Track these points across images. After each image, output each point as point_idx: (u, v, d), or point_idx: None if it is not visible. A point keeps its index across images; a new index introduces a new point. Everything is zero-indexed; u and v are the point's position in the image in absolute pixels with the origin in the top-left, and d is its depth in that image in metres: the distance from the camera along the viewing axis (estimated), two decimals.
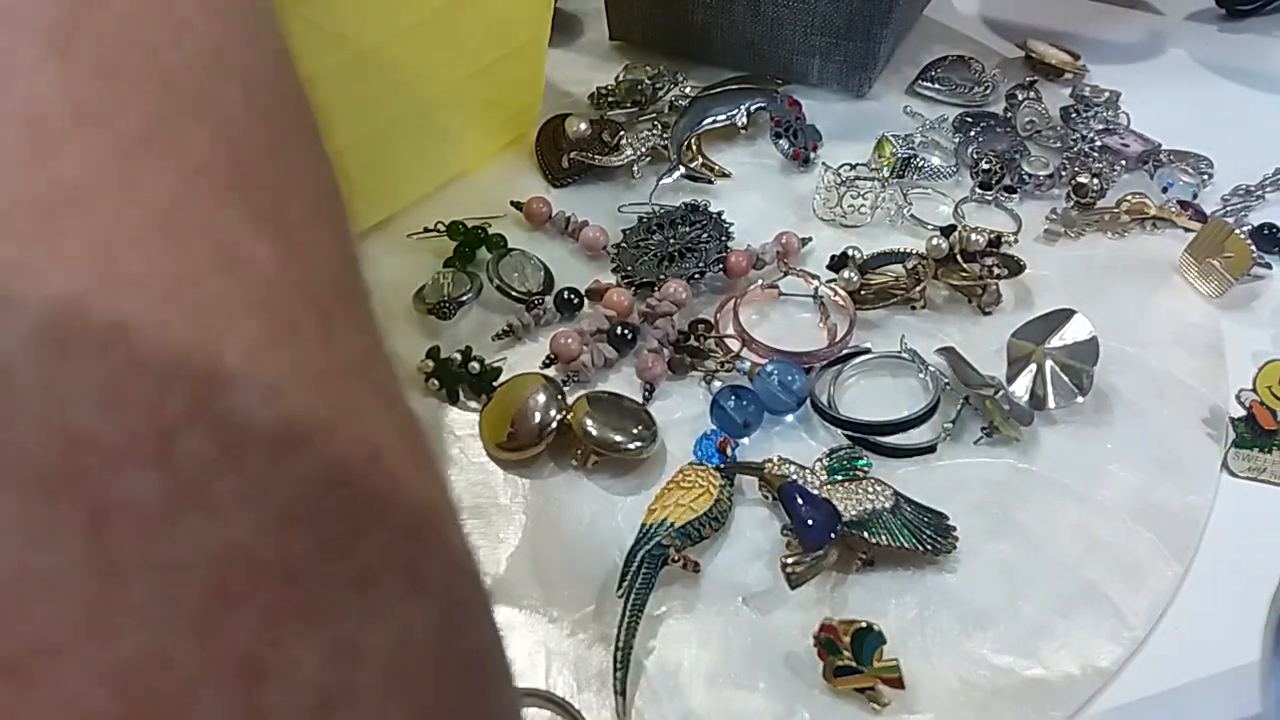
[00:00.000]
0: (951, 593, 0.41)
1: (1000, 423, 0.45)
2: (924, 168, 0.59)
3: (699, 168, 0.59)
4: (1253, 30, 0.73)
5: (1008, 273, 0.51)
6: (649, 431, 0.45)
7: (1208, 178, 0.59)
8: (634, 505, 0.43)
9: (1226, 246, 0.51)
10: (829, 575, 0.41)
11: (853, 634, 0.37)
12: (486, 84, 0.55)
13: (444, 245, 0.54)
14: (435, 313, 0.50)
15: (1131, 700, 0.38)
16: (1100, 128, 0.62)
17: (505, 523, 0.43)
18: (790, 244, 0.53)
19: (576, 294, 0.51)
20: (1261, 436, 0.46)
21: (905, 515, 0.42)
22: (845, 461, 0.44)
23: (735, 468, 0.44)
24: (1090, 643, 0.39)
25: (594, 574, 0.41)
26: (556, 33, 0.61)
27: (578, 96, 0.64)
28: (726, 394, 0.46)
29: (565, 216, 0.55)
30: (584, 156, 0.58)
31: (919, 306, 0.52)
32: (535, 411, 0.45)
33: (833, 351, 0.49)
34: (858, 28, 0.61)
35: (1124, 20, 0.74)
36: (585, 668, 0.39)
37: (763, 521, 0.43)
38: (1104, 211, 0.57)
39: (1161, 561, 0.42)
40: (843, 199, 0.56)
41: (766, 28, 0.63)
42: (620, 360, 0.49)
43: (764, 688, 0.38)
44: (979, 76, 0.66)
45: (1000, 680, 0.38)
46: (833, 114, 0.64)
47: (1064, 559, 0.42)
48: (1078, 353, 0.47)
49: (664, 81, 0.63)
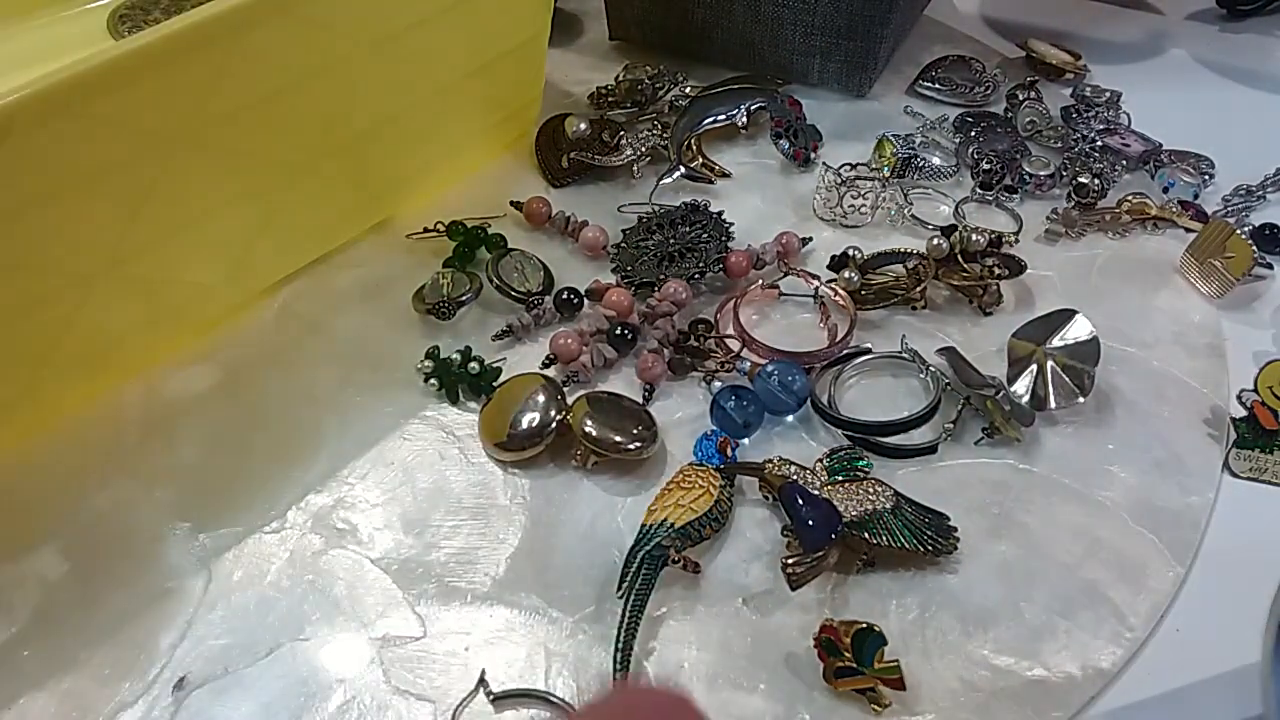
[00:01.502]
0: (952, 593, 0.41)
1: (1001, 423, 0.45)
2: (924, 168, 0.59)
3: (699, 168, 0.59)
4: (1254, 30, 0.73)
5: (1008, 273, 0.51)
6: (649, 432, 0.45)
7: (1209, 178, 0.59)
8: (634, 506, 0.43)
9: (1228, 247, 0.51)
10: (829, 576, 0.41)
11: (853, 635, 0.37)
12: (486, 83, 0.55)
13: (444, 245, 0.54)
14: (435, 313, 0.50)
15: (1132, 701, 0.38)
16: (1101, 128, 0.62)
17: (505, 523, 0.43)
18: (790, 244, 0.53)
19: (576, 294, 0.51)
20: (1263, 437, 0.45)
21: (906, 516, 0.41)
22: (846, 462, 0.44)
23: (735, 468, 0.44)
24: (1091, 643, 0.39)
25: (594, 575, 0.41)
26: (556, 32, 0.61)
27: (578, 96, 0.64)
28: (726, 394, 0.46)
29: (565, 216, 0.55)
30: (584, 156, 0.58)
31: (920, 307, 0.52)
32: (535, 412, 0.45)
33: (833, 352, 0.49)
34: (858, 27, 0.61)
35: (1125, 20, 0.74)
36: (585, 669, 0.39)
37: (763, 522, 0.43)
38: (1105, 212, 0.56)
39: (1162, 562, 0.42)
40: (843, 199, 0.56)
41: (767, 27, 0.63)
42: (620, 360, 0.49)
43: (764, 689, 0.38)
44: (979, 76, 0.66)
45: (1001, 681, 0.38)
46: (833, 114, 0.63)
47: (1065, 560, 0.42)
48: (1079, 353, 0.47)
49: (664, 81, 0.63)
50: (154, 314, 0.47)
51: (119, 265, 0.43)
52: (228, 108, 0.42)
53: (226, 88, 0.41)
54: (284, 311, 0.52)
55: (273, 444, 0.46)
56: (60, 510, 0.43)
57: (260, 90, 0.42)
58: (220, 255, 0.48)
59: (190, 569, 0.42)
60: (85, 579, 0.41)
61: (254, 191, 0.47)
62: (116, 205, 0.41)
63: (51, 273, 0.41)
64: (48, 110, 0.35)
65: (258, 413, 0.47)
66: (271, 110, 0.44)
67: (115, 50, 0.36)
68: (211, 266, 0.48)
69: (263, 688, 0.38)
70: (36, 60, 0.39)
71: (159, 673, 0.38)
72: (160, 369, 0.49)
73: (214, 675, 0.38)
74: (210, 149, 0.43)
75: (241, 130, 0.43)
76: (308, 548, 0.42)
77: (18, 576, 0.41)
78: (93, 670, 0.39)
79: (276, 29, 0.41)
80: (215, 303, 0.50)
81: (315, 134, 0.47)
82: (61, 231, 0.39)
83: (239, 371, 0.49)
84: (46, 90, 0.35)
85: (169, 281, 0.46)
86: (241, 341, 0.50)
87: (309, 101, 0.45)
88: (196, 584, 0.41)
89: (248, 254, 0.49)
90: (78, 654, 0.39)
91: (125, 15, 0.68)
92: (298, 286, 0.53)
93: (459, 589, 0.41)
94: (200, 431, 0.46)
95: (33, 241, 0.39)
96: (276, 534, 0.43)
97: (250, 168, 0.45)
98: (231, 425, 0.47)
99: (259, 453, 0.46)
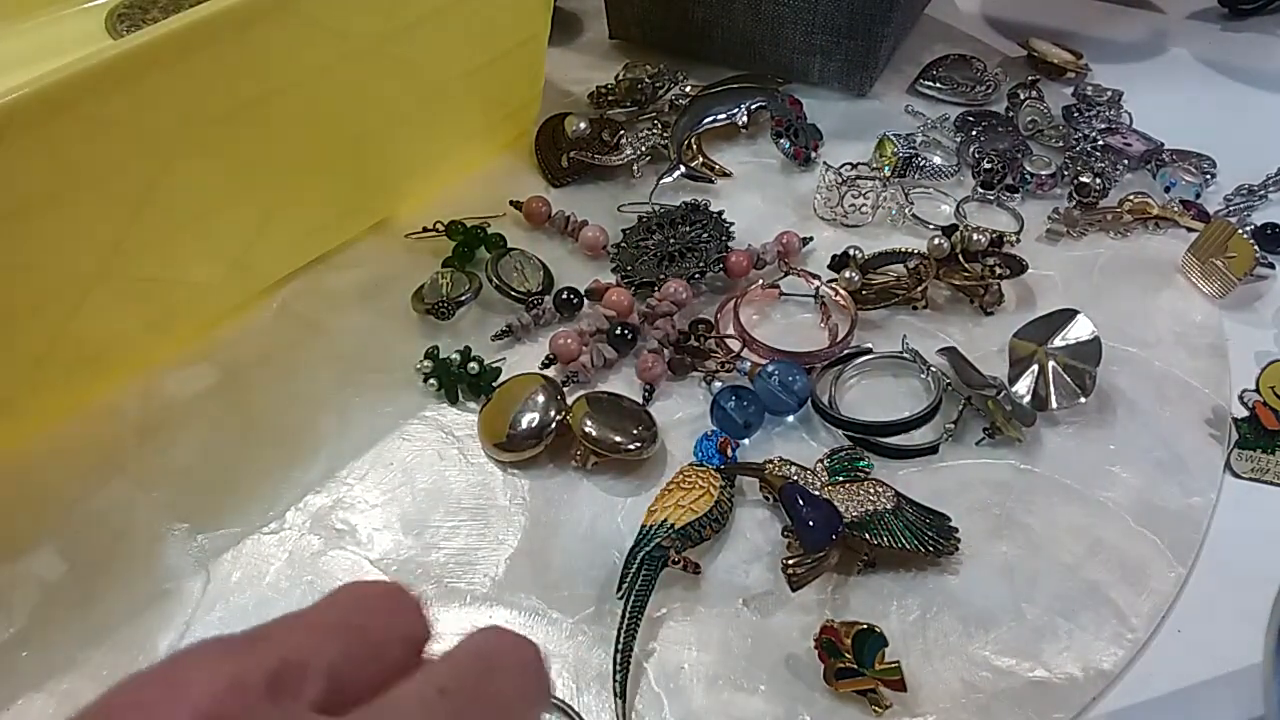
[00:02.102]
0: (953, 594, 0.40)
1: (1002, 423, 0.45)
2: (925, 167, 0.59)
3: (699, 167, 0.59)
4: (1255, 29, 0.73)
5: (1010, 273, 0.51)
6: (649, 432, 0.45)
7: (1210, 177, 0.59)
8: (634, 506, 0.43)
9: (1229, 246, 0.51)
10: (830, 577, 0.41)
11: (854, 636, 0.37)
12: (486, 83, 0.55)
13: (443, 245, 0.54)
14: (434, 313, 0.50)
15: (1134, 702, 0.38)
16: (1102, 127, 0.61)
17: (505, 523, 0.43)
18: (791, 244, 0.53)
19: (576, 294, 0.51)
20: (1264, 437, 0.45)
21: (907, 516, 0.41)
22: (846, 462, 0.44)
23: (736, 469, 0.44)
24: (1092, 644, 0.39)
25: (594, 575, 0.41)
26: (556, 32, 0.61)
27: (578, 95, 0.64)
28: (727, 394, 0.46)
29: (565, 216, 0.55)
30: (584, 156, 0.58)
31: (920, 306, 0.52)
32: (535, 412, 0.45)
33: (834, 352, 0.49)
34: (859, 26, 0.61)
35: (1126, 19, 0.74)
36: (585, 670, 0.39)
37: (763, 523, 0.43)
38: (1106, 211, 0.56)
39: (1164, 563, 0.41)
40: (844, 198, 0.56)
41: (767, 27, 0.63)
42: (620, 360, 0.49)
43: (764, 690, 0.38)
44: (981, 75, 0.66)
45: (1002, 682, 0.38)
46: (834, 113, 0.63)
47: (1066, 560, 0.42)
48: (1080, 353, 0.47)
49: (664, 81, 0.63)
50: (153, 314, 0.47)
51: (119, 265, 0.43)
52: (227, 107, 0.42)
53: (225, 87, 0.41)
54: (283, 311, 0.52)
55: (272, 444, 0.46)
56: (59, 510, 0.43)
57: (259, 89, 0.42)
58: (220, 255, 0.48)
59: (189, 570, 0.42)
60: (84, 580, 0.41)
61: (253, 191, 0.46)
62: (116, 205, 0.41)
63: (51, 273, 0.41)
64: (46, 110, 0.35)
65: (256, 413, 0.47)
66: (270, 109, 0.44)
67: (113, 50, 0.36)
68: (211, 266, 0.48)
69: None
70: (35, 60, 0.39)
71: None
72: (160, 369, 0.49)
73: None
74: (210, 149, 0.42)
75: (241, 129, 0.43)
76: (307, 548, 0.42)
77: (16, 577, 0.41)
78: (91, 671, 0.39)
79: (275, 28, 0.41)
80: (215, 303, 0.50)
81: (314, 133, 0.47)
82: (61, 231, 0.39)
83: (238, 372, 0.49)
84: (45, 90, 0.35)
85: (169, 281, 0.46)
86: (241, 341, 0.50)
87: (308, 101, 0.45)
88: (195, 585, 0.41)
89: (247, 254, 0.49)
90: (76, 655, 0.39)
91: (124, 14, 0.68)
92: (297, 286, 0.53)
93: (458, 590, 0.41)
94: (199, 432, 0.46)
95: (32, 241, 0.39)
96: (275, 535, 0.43)
97: (250, 167, 0.45)
98: (230, 425, 0.47)
99: (258, 453, 0.46)
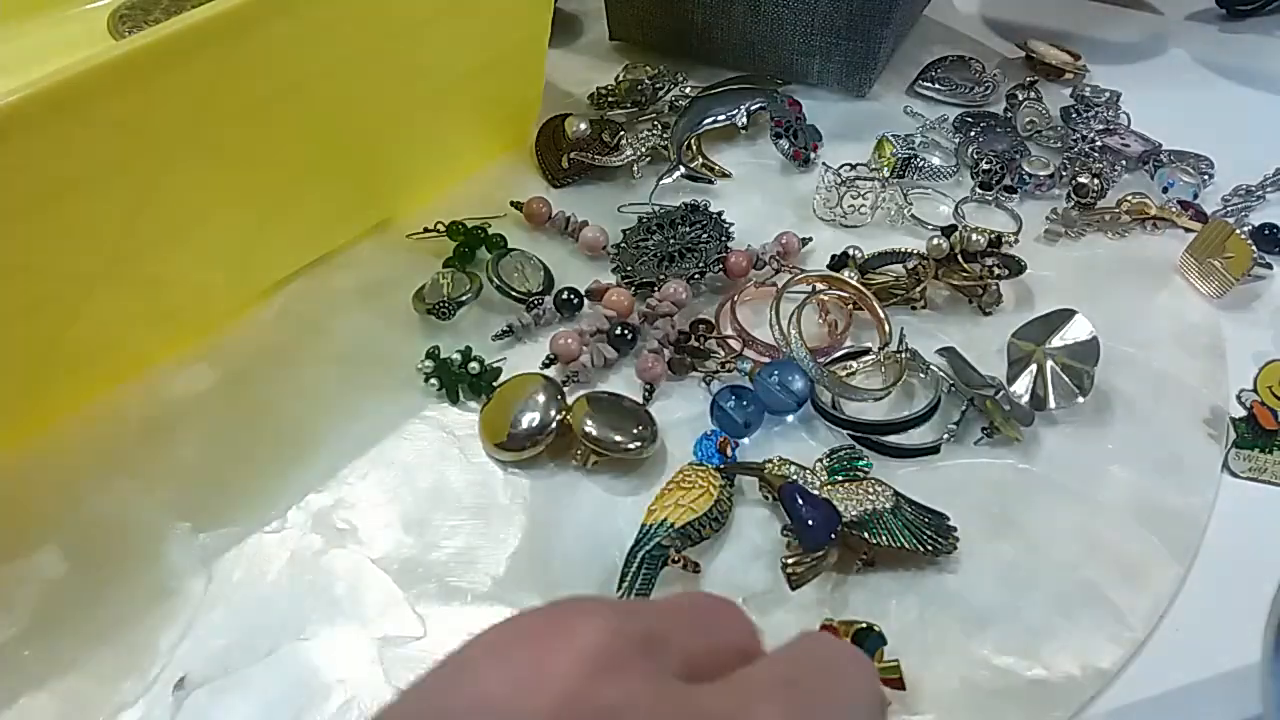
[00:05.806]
0: (952, 593, 0.41)
1: (1001, 423, 0.45)
2: (924, 168, 0.59)
3: (699, 168, 0.59)
4: (1253, 30, 0.73)
5: (1008, 273, 0.51)
6: (649, 431, 0.45)
7: (1208, 178, 0.59)
8: (634, 505, 0.43)
9: (1227, 247, 0.51)
10: (829, 576, 0.41)
11: (853, 635, 0.37)
12: (486, 83, 0.55)
13: (444, 245, 0.54)
14: (435, 313, 0.50)
15: (1132, 701, 0.38)
16: (1101, 128, 0.62)
17: (505, 523, 0.43)
18: (790, 244, 0.53)
19: (576, 294, 0.51)
20: (1262, 437, 0.45)
21: (906, 516, 0.41)
22: (846, 462, 0.44)
23: (735, 468, 0.44)
24: (1091, 643, 0.39)
25: (594, 574, 0.41)
26: (556, 33, 0.61)
27: (578, 96, 0.64)
28: (726, 394, 0.46)
29: (565, 216, 0.55)
30: (584, 156, 0.58)
31: (919, 307, 0.52)
32: (535, 411, 0.45)
33: (833, 351, 0.49)
34: (858, 27, 0.61)
35: (1124, 20, 0.74)
36: None
37: (763, 522, 0.43)
38: (1104, 212, 0.57)
39: (1162, 562, 0.42)
40: (843, 199, 0.56)
41: (767, 28, 0.63)
42: (620, 360, 0.49)
43: None
44: (979, 76, 0.66)
45: (1001, 681, 0.38)
46: (833, 114, 0.64)
47: (1065, 560, 0.42)
48: (1078, 353, 0.47)
49: (664, 81, 0.63)
50: (154, 314, 0.47)
51: (119, 265, 0.43)
52: (228, 108, 0.42)
53: (227, 88, 0.41)
54: (284, 312, 0.52)
55: (273, 444, 0.46)
56: (60, 510, 0.43)
57: (260, 90, 0.42)
58: (220, 255, 0.48)
59: (190, 569, 0.42)
60: (85, 579, 0.41)
61: (254, 191, 0.47)
62: (117, 205, 0.41)
63: (51, 273, 0.41)
64: (48, 110, 0.35)
65: (258, 413, 0.47)
66: (272, 110, 0.44)
67: (116, 50, 0.36)
68: (211, 267, 0.48)
69: (263, 688, 0.38)
70: (37, 60, 0.39)
71: (159, 673, 0.38)
72: (160, 369, 0.49)
73: (214, 675, 0.38)
74: (210, 149, 0.43)
75: (242, 130, 0.43)
76: (308, 548, 0.42)
77: (18, 576, 0.41)
78: (93, 670, 0.39)
79: (277, 29, 0.41)
80: (215, 303, 0.50)
81: (315, 134, 0.47)
82: (61, 232, 0.39)
83: (239, 371, 0.49)
84: (46, 90, 0.35)
85: (169, 282, 0.46)
86: (241, 342, 0.50)
87: (309, 101, 0.45)
88: (197, 584, 0.41)
89: (248, 254, 0.49)
90: (78, 654, 0.39)
91: (126, 15, 0.68)
92: (297, 287, 0.53)
93: (459, 589, 0.41)
94: (200, 431, 0.46)
95: (32, 242, 0.39)
96: (277, 534, 0.43)
97: (250, 168, 0.45)
98: (231, 425, 0.47)
99: (259, 453, 0.46)
